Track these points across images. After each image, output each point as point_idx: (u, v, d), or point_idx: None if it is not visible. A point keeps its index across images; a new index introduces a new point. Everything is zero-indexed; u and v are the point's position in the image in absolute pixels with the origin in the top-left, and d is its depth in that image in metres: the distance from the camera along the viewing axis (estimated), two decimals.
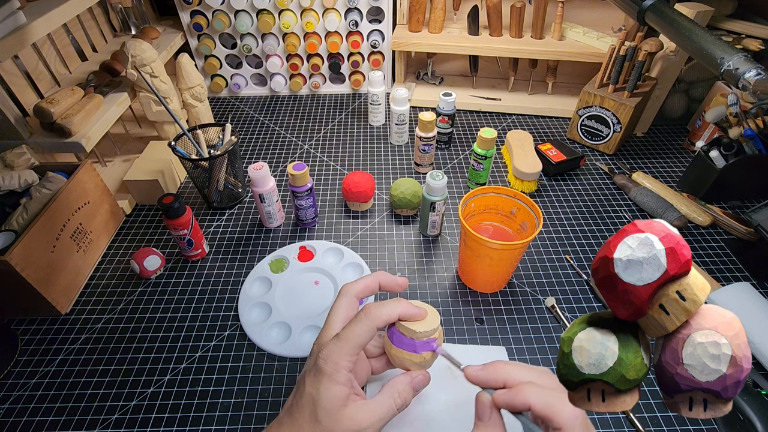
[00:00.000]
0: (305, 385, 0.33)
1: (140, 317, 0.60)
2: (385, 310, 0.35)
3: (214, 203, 0.76)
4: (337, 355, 0.33)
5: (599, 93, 0.83)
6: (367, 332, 0.34)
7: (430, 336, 0.35)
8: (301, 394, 0.33)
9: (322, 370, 0.33)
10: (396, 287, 0.39)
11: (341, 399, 0.32)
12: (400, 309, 0.35)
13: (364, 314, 0.35)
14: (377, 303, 0.35)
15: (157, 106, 0.81)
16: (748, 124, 0.71)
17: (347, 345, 0.33)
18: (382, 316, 0.34)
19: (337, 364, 0.33)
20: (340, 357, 0.33)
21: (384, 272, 0.40)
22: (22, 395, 0.52)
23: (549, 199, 0.78)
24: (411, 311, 0.36)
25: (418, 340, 0.35)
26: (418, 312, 0.36)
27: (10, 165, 0.62)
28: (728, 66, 0.56)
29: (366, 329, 0.34)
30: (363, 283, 0.38)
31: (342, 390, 0.32)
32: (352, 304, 0.38)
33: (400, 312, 0.35)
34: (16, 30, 0.62)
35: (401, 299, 0.36)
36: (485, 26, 0.99)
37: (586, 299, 0.62)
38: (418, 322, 0.36)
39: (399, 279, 0.40)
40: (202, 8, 0.97)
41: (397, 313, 0.35)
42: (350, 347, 0.33)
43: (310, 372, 0.34)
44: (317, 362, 0.33)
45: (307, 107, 1.05)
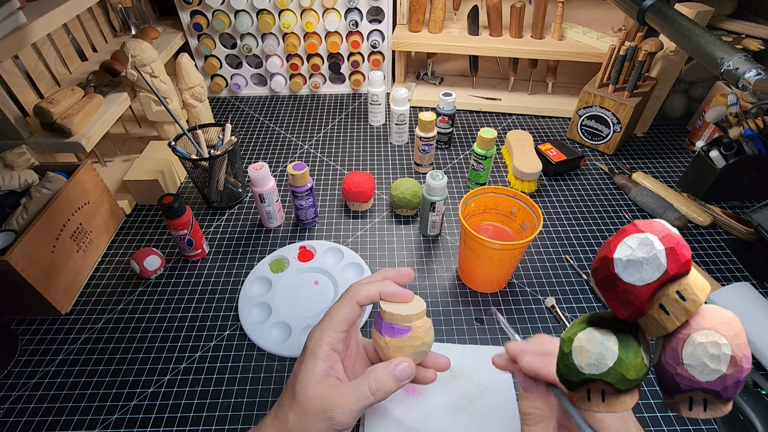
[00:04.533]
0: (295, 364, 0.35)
1: (140, 317, 0.60)
2: (366, 286, 0.35)
3: (214, 203, 0.76)
4: (320, 331, 0.34)
5: (599, 93, 0.83)
6: (349, 308, 0.35)
7: (413, 320, 0.34)
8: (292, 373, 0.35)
9: (307, 347, 0.34)
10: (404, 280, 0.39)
11: (318, 374, 0.32)
12: (382, 287, 0.35)
13: (346, 292, 0.36)
14: (360, 281, 0.36)
15: (157, 106, 0.81)
16: (748, 124, 0.71)
17: (330, 322, 0.34)
18: (361, 291, 0.35)
19: (320, 339, 0.34)
20: (323, 333, 0.34)
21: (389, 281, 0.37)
22: (22, 395, 0.52)
23: (549, 199, 0.78)
24: (392, 290, 0.35)
25: (397, 325, 0.34)
26: (400, 292, 0.35)
27: (10, 165, 0.62)
28: (728, 66, 0.56)
29: (348, 305, 0.35)
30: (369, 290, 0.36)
31: (320, 365, 0.33)
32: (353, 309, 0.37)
33: (380, 290, 0.35)
34: (16, 30, 0.62)
35: (386, 280, 0.36)
36: (485, 26, 0.99)
37: (586, 299, 0.62)
38: (400, 304, 0.35)
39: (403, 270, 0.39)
40: (202, 8, 0.97)
41: (377, 291, 0.35)
42: (332, 324, 0.34)
43: (300, 353, 0.35)
44: (305, 343, 0.35)
45: (307, 107, 1.05)
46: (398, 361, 0.34)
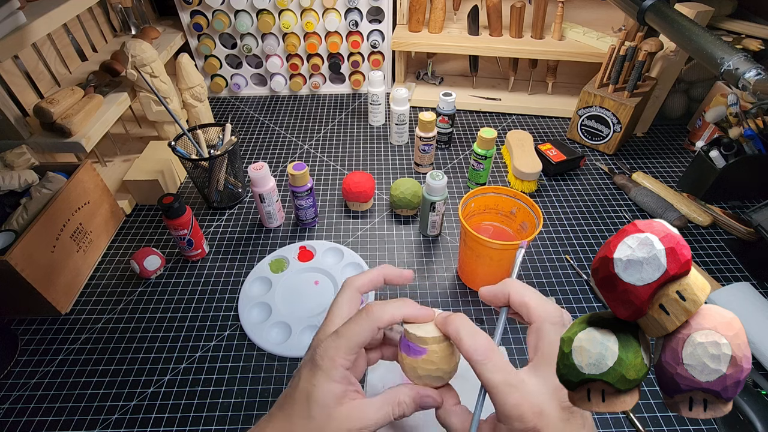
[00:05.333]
0: (300, 378, 0.33)
1: (140, 317, 0.60)
2: (389, 309, 0.33)
3: (214, 203, 0.76)
4: (334, 351, 0.32)
5: (599, 93, 0.83)
6: (369, 332, 0.33)
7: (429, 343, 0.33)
8: (295, 387, 0.32)
9: (319, 366, 0.32)
10: (401, 280, 0.38)
11: (336, 396, 0.32)
12: (405, 310, 0.34)
13: (366, 313, 0.33)
14: (381, 302, 0.34)
15: (157, 106, 0.81)
16: (748, 124, 0.71)
17: (346, 343, 0.32)
18: (384, 316, 0.33)
19: (334, 361, 0.32)
20: (337, 354, 0.32)
21: (389, 266, 0.38)
22: (22, 395, 0.52)
23: (549, 199, 0.78)
24: (416, 312, 0.34)
25: (413, 344, 0.33)
26: (424, 313, 0.34)
27: (10, 165, 0.62)
28: (728, 66, 0.56)
29: (367, 329, 0.32)
30: (367, 276, 0.37)
31: (337, 387, 0.32)
32: (354, 299, 0.36)
33: (404, 313, 0.34)
34: (16, 30, 0.62)
35: (407, 299, 0.35)
36: (485, 26, 0.99)
37: (586, 299, 0.62)
38: (424, 325, 0.34)
39: (405, 272, 0.38)
40: (202, 8, 0.97)
41: (402, 315, 0.33)
42: (349, 346, 0.32)
43: (306, 366, 0.33)
44: (314, 357, 0.32)
45: (307, 107, 1.05)
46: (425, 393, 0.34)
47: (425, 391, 0.34)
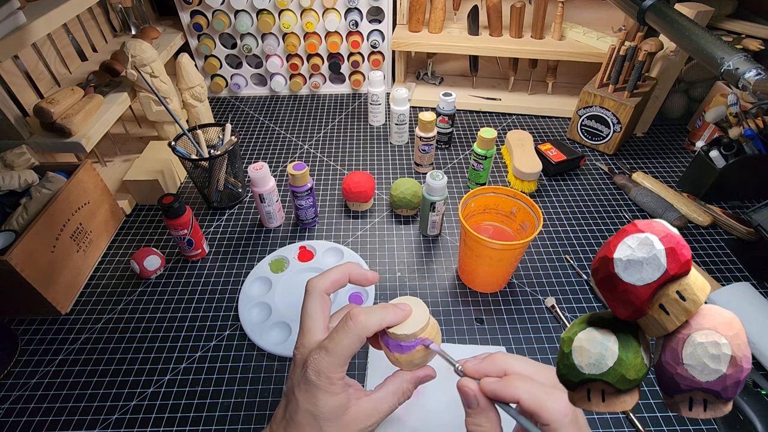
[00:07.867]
0: (298, 399, 0.32)
1: (140, 317, 0.60)
2: (375, 320, 0.33)
3: (214, 203, 0.76)
4: (328, 369, 0.32)
5: (599, 93, 0.83)
6: (358, 343, 0.33)
7: (418, 336, 0.34)
8: (296, 409, 0.32)
9: (317, 386, 0.32)
10: (365, 282, 0.38)
11: (342, 407, 0.32)
12: (389, 318, 0.34)
13: (352, 324, 0.33)
14: (364, 310, 0.34)
15: (157, 106, 0.81)
16: (748, 124, 0.71)
17: (338, 359, 0.32)
18: (371, 327, 0.33)
19: (330, 378, 0.32)
20: (332, 371, 0.32)
21: (354, 264, 0.38)
22: (22, 395, 0.52)
23: (549, 199, 0.78)
24: (398, 317, 0.34)
25: (406, 342, 0.34)
26: (402, 315, 0.35)
27: (10, 165, 0.62)
28: (728, 66, 0.56)
29: (356, 341, 0.33)
30: (331, 277, 0.37)
31: (340, 400, 0.32)
32: (325, 304, 0.36)
33: (389, 321, 0.34)
34: (16, 30, 0.62)
35: (386, 305, 0.35)
36: (485, 26, 0.99)
37: (586, 299, 0.62)
38: (405, 323, 0.35)
39: (369, 273, 0.38)
40: (202, 8, 0.97)
41: (387, 323, 0.34)
42: (341, 360, 0.32)
43: (301, 386, 0.32)
44: (307, 376, 0.32)
45: (307, 107, 1.05)
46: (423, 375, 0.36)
47: (422, 372, 0.36)
